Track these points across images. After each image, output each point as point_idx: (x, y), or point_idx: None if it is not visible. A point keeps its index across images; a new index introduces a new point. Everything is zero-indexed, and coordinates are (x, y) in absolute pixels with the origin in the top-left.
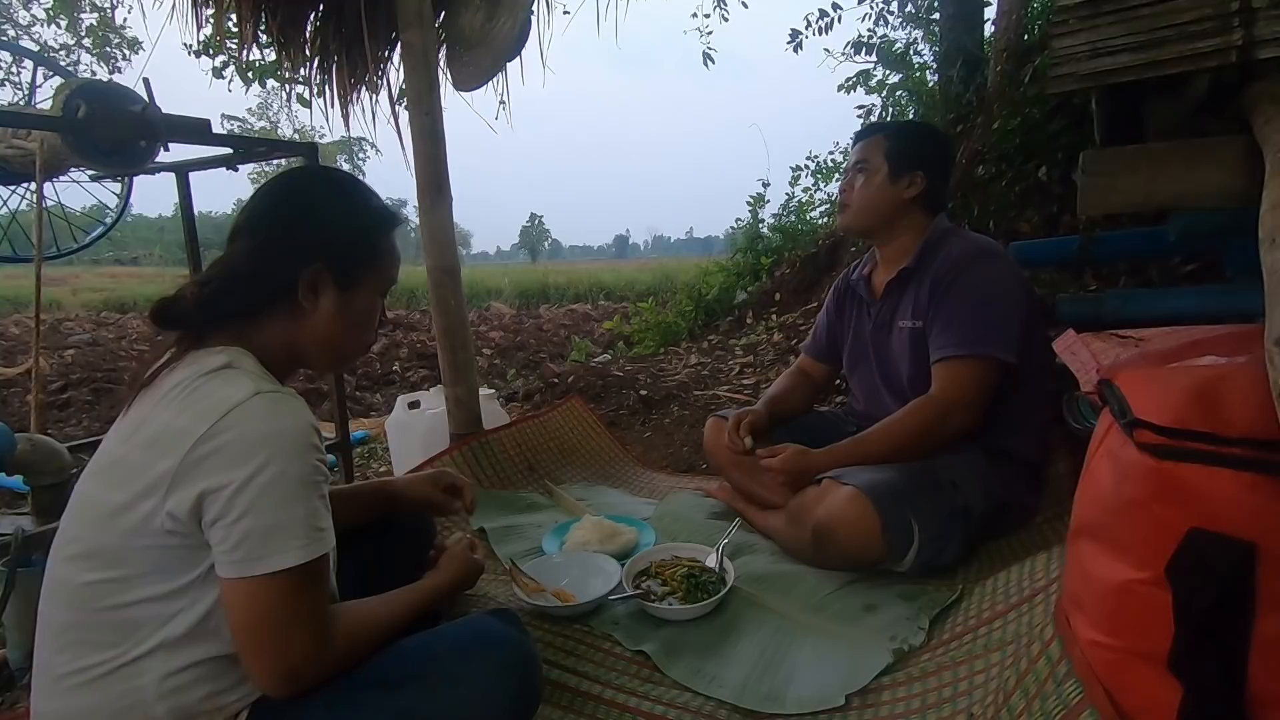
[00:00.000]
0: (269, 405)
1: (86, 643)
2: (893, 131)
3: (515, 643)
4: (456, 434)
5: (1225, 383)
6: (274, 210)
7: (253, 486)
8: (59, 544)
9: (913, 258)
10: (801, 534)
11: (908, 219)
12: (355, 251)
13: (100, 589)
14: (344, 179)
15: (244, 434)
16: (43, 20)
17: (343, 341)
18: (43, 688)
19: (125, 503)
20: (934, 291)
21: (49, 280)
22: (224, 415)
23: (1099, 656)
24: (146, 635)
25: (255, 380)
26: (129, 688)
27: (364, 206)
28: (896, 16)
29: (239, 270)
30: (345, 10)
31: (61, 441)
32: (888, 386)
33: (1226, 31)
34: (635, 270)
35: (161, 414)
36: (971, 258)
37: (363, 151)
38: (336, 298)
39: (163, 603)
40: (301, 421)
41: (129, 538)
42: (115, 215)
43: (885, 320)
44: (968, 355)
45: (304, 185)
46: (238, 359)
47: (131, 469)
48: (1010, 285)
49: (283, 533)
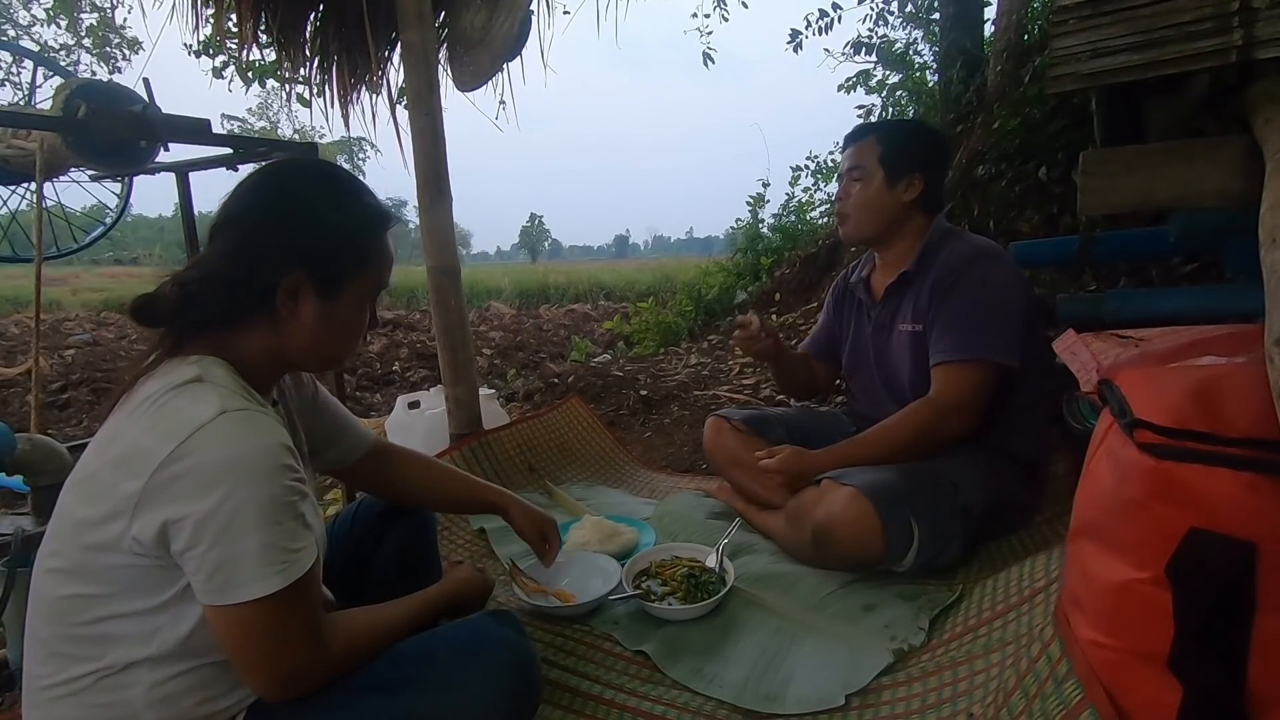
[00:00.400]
0: (235, 426)
1: (67, 655)
2: (886, 133)
3: (514, 645)
4: (456, 434)
5: (1225, 383)
6: (253, 208)
7: (219, 516)
8: (41, 555)
9: (913, 261)
10: (801, 534)
11: (909, 223)
12: (340, 256)
13: (77, 603)
14: (333, 173)
15: (206, 460)
16: (43, 20)
17: (328, 350)
18: (30, 697)
19: (95, 519)
20: (934, 295)
21: (49, 280)
22: (188, 437)
23: (1099, 656)
24: (129, 649)
25: (223, 397)
26: (116, 698)
27: (352, 206)
28: (896, 16)
29: (214, 274)
30: (345, 10)
31: (61, 441)
32: (888, 389)
33: (1226, 31)
34: (635, 270)
35: (130, 429)
36: (971, 260)
37: (363, 151)
38: (318, 306)
39: (141, 619)
40: (269, 442)
41: (100, 555)
42: (115, 215)
43: (886, 323)
44: (967, 359)
45: (288, 181)
46: (209, 371)
47: (101, 485)
48: (1010, 288)
49: (254, 561)
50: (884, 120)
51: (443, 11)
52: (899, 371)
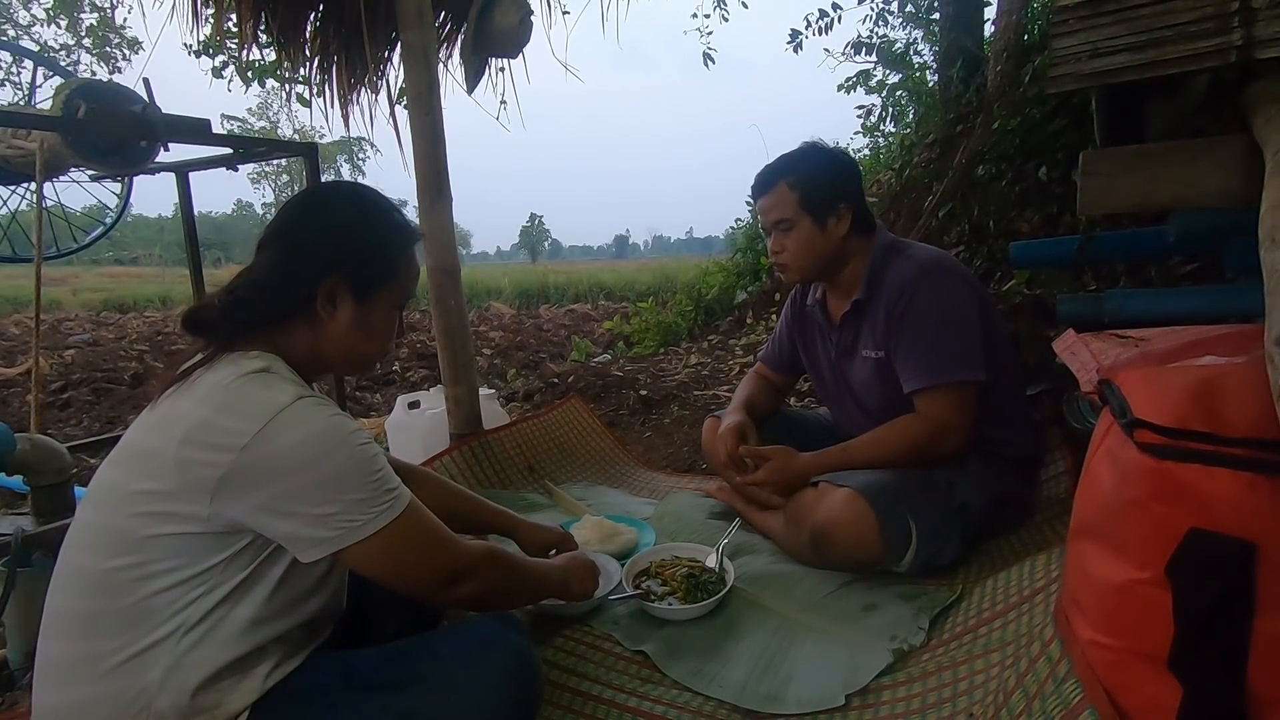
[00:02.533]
0: (313, 409)
1: (100, 631)
2: (796, 177)
3: (517, 647)
4: (456, 434)
5: (1225, 383)
6: (297, 225)
7: (322, 481)
8: (75, 533)
9: (863, 288)
10: (800, 536)
11: (848, 250)
12: (372, 266)
13: (121, 574)
14: (366, 195)
15: (295, 438)
16: (43, 20)
17: (361, 350)
18: (48, 679)
19: (158, 492)
20: (889, 322)
21: (49, 280)
22: (273, 418)
23: (1099, 656)
24: (161, 621)
25: (295, 385)
26: (135, 681)
27: (383, 222)
28: (896, 16)
29: (262, 281)
30: (345, 10)
31: (61, 441)
32: (860, 408)
33: (1226, 31)
34: (635, 270)
35: (200, 410)
36: (917, 281)
37: (363, 151)
38: (354, 309)
39: (181, 589)
40: (343, 419)
41: (154, 524)
42: (115, 215)
43: (848, 348)
44: (938, 384)
45: (326, 201)
46: (274, 364)
47: (164, 461)
48: (961, 302)
49: (365, 503)
50: (782, 160)
51: (443, 11)
52: (869, 394)
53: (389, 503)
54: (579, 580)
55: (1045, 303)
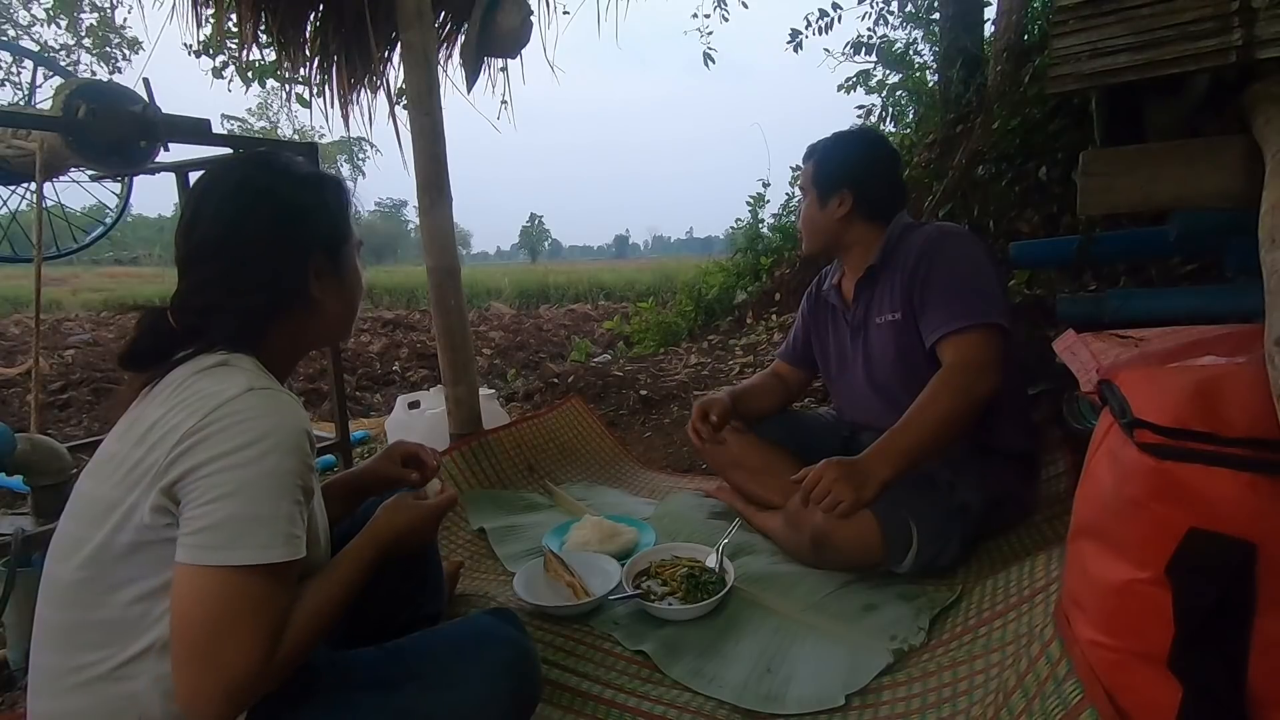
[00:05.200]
0: (262, 401)
1: (80, 642)
2: (819, 155)
3: (514, 642)
4: (456, 434)
5: (1225, 383)
6: (255, 218)
7: (234, 469)
8: (56, 543)
9: (877, 256)
10: (800, 537)
11: (849, 234)
12: (331, 225)
13: (92, 586)
14: (278, 162)
15: (233, 423)
16: (43, 20)
17: (352, 305)
18: (39, 688)
19: (112, 498)
20: (913, 281)
21: (49, 280)
22: (214, 409)
23: (1099, 656)
24: (139, 634)
25: (250, 377)
26: (124, 690)
27: (304, 180)
28: (896, 16)
29: (245, 286)
30: (345, 10)
31: (61, 441)
32: (871, 386)
33: (1226, 31)
34: (635, 270)
35: (154, 411)
36: (941, 239)
37: (363, 151)
38: (334, 274)
39: (148, 602)
40: (294, 421)
41: (118, 533)
42: (115, 215)
43: (861, 321)
44: (970, 325)
45: (259, 185)
46: (236, 359)
47: (119, 464)
48: (985, 259)
49: (255, 525)
50: (825, 139)
51: (443, 11)
52: (881, 366)
53: (285, 540)
54: (399, 532)
55: (1045, 303)
